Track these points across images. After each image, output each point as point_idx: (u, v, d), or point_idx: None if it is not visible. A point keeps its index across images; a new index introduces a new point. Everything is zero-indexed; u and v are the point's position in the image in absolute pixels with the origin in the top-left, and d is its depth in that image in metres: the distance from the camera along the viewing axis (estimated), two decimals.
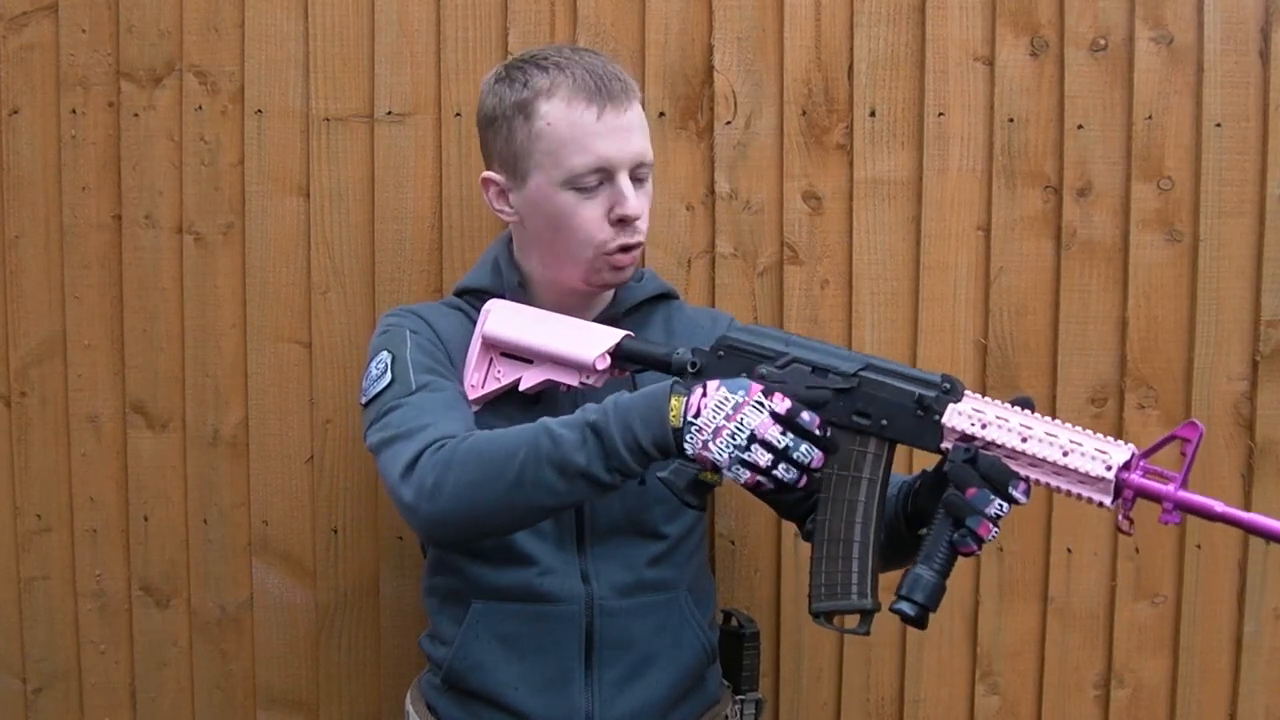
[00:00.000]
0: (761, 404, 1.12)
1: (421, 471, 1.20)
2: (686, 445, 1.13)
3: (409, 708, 1.43)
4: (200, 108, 1.67)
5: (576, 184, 1.29)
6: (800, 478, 1.12)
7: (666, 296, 1.47)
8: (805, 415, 1.12)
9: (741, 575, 1.69)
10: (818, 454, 1.13)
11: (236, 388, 1.69)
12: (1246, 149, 1.62)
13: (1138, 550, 1.67)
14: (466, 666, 1.35)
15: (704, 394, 1.13)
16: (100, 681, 1.75)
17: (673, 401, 1.13)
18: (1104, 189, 1.64)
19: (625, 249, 1.32)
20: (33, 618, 1.75)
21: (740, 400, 1.12)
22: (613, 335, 1.31)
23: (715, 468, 1.13)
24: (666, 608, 1.38)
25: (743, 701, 1.49)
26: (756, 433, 1.10)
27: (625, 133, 1.30)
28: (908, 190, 1.65)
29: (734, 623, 1.52)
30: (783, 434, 1.11)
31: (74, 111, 1.68)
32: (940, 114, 1.64)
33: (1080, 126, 1.63)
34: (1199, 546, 1.67)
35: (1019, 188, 1.64)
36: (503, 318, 1.36)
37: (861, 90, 1.64)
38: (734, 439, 1.10)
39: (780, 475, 1.11)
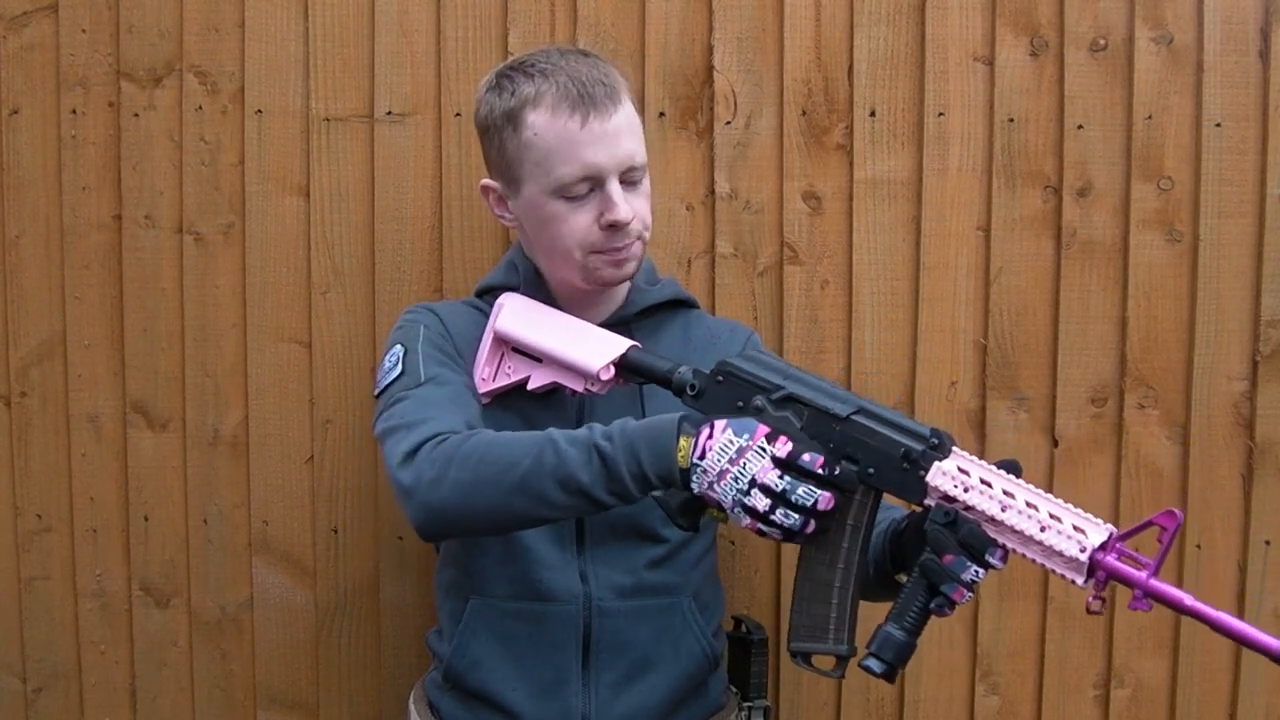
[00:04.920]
0: (764, 449, 1.11)
1: (421, 462, 1.20)
2: (694, 484, 1.13)
3: (411, 707, 1.43)
4: (200, 108, 1.67)
5: (565, 193, 1.30)
6: (806, 522, 1.10)
7: (685, 305, 1.47)
8: (806, 457, 1.11)
9: (741, 576, 1.69)
10: (823, 495, 1.10)
11: (236, 388, 1.69)
12: (1246, 149, 1.62)
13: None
14: (465, 664, 1.36)
15: (710, 435, 1.13)
16: (100, 681, 1.75)
17: (681, 441, 1.14)
18: (1104, 189, 1.64)
19: (617, 250, 1.32)
20: (33, 618, 1.75)
21: (745, 444, 1.11)
22: (619, 345, 1.31)
23: (721, 507, 1.14)
24: (667, 613, 1.37)
25: (750, 708, 1.48)
26: (756, 478, 1.10)
27: (612, 139, 1.29)
28: (908, 190, 1.65)
29: (743, 629, 1.52)
30: (780, 477, 1.10)
31: (74, 111, 1.68)
32: (940, 114, 1.64)
33: (1080, 126, 1.63)
34: (1199, 546, 1.66)
35: (1019, 188, 1.64)
36: (515, 315, 1.36)
37: (861, 90, 1.64)
38: (736, 483, 1.11)
39: (779, 520, 1.09)
